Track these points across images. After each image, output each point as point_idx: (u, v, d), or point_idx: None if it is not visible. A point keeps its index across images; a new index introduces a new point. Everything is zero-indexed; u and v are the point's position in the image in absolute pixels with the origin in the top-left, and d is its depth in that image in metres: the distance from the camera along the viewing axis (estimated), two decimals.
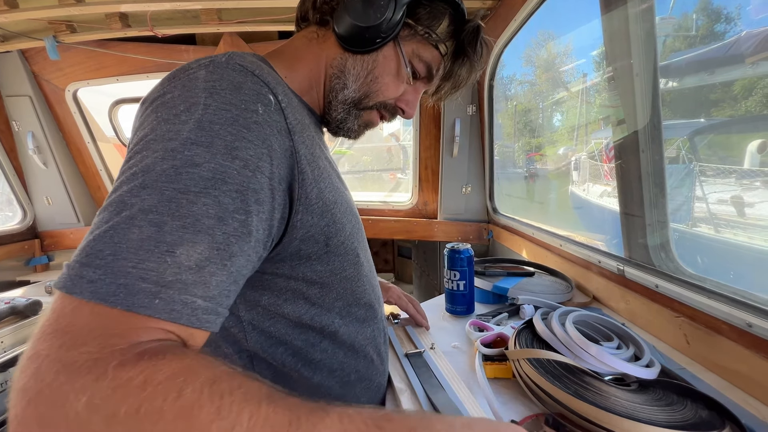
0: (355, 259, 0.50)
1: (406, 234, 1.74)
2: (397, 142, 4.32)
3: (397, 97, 0.53)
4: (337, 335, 0.49)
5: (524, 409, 0.53)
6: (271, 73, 0.42)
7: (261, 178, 0.36)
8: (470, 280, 0.83)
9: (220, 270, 0.32)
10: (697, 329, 0.62)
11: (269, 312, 0.45)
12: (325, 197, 0.44)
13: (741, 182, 2.76)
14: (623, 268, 0.78)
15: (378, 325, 0.56)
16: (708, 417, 0.47)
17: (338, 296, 0.49)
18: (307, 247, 0.43)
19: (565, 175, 4.58)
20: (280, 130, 0.39)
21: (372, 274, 0.56)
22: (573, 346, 0.57)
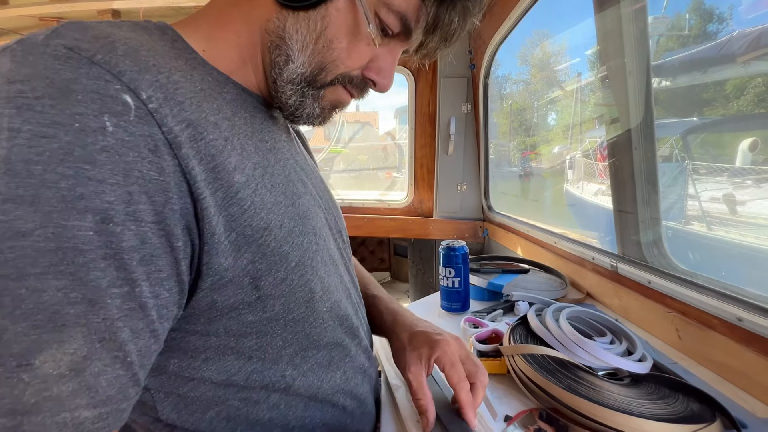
0: (308, 295, 0.37)
1: (402, 232, 1.74)
2: (393, 140, 4.33)
3: (363, 65, 0.39)
4: (291, 388, 0.38)
5: (518, 404, 0.53)
6: (141, 50, 0.29)
7: (139, 228, 0.26)
8: (465, 277, 0.83)
9: (110, 366, 0.25)
10: (689, 324, 0.62)
11: (182, 378, 0.34)
12: (247, 224, 0.32)
13: (733, 180, 2.79)
14: (616, 264, 0.79)
15: (353, 363, 0.44)
16: (699, 410, 0.48)
17: (286, 343, 0.37)
18: (223, 298, 0.32)
19: (560, 173, 4.61)
20: (153, 149, 0.26)
21: (342, 301, 0.43)
22: (567, 342, 0.57)
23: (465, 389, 0.45)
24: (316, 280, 0.38)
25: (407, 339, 0.50)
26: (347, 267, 0.49)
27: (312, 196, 0.43)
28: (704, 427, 0.44)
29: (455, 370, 0.46)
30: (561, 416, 0.49)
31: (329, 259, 0.42)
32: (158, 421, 0.35)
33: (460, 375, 0.46)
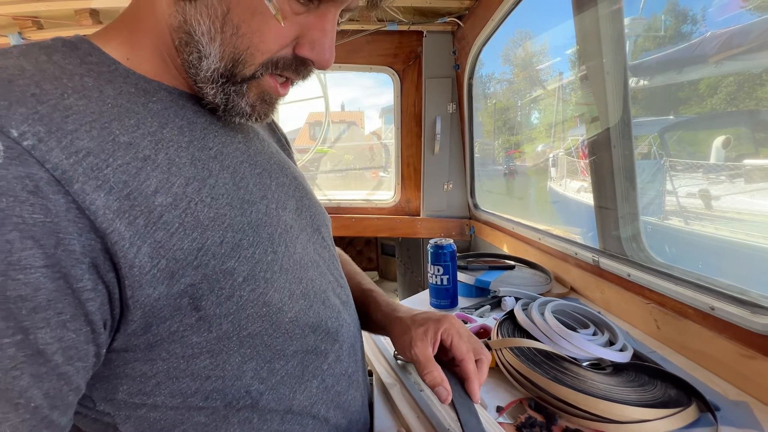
0: (262, 310, 0.34)
1: (390, 231, 1.75)
2: (379, 140, 4.34)
3: (288, 44, 0.34)
4: (260, 404, 0.36)
5: (508, 395, 0.55)
6: (18, 79, 0.26)
7: (26, 276, 0.24)
8: (453, 274, 0.85)
9: (12, 413, 0.24)
10: (666, 314, 0.65)
11: (134, 403, 0.33)
12: (177, 248, 0.30)
13: (708, 176, 2.90)
14: (598, 258, 0.82)
15: (333, 370, 0.41)
16: (676, 395, 0.51)
17: (246, 358, 0.35)
18: (160, 326, 0.30)
19: (544, 171, 4.70)
20: (33, 190, 0.24)
21: (313, 306, 0.40)
22: (552, 334, 0.59)
23: (472, 360, 0.45)
24: (272, 291, 0.35)
25: (410, 320, 0.49)
26: (328, 266, 0.46)
27: (273, 199, 0.39)
28: (681, 410, 0.47)
29: (463, 341, 0.46)
30: (549, 405, 0.51)
31: (295, 265, 0.39)
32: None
33: (468, 347, 0.46)
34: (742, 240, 2.12)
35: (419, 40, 1.54)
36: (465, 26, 1.39)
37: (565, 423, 0.49)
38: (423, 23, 1.45)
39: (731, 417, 0.48)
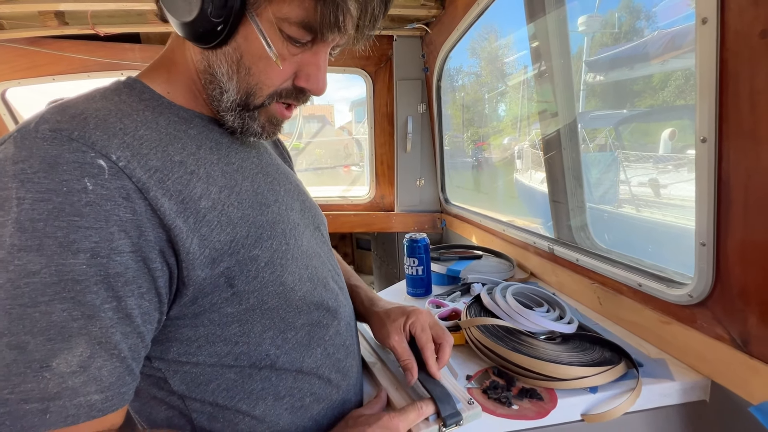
0: (279, 288, 0.44)
1: (366, 227, 1.83)
2: (350, 135, 4.37)
3: (288, 78, 0.42)
4: (277, 365, 0.45)
5: (475, 365, 0.64)
6: (110, 118, 0.36)
7: (121, 258, 0.33)
8: (427, 265, 0.94)
9: (109, 361, 0.33)
10: (607, 292, 0.77)
11: (182, 362, 0.42)
12: (216, 240, 0.39)
13: (657, 166, 3.15)
14: (552, 246, 0.93)
15: (334, 341, 0.50)
16: (610, 356, 0.62)
17: (266, 328, 0.44)
18: (204, 299, 0.40)
19: (510, 163, 4.91)
20: (126, 197, 0.34)
21: (317, 288, 0.49)
22: (512, 313, 0.70)
23: (430, 348, 0.55)
24: (287, 274, 0.44)
25: (385, 315, 0.59)
26: (327, 258, 0.55)
27: (283, 202, 0.48)
28: (612, 367, 0.58)
29: (425, 333, 0.56)
30: (509, 371, 0.61)
31: (302, 255, 0.48)
32: (173, 394, 0.43)
33: (428, 337, 0.55)
34: (684, 224, 2.35)
35: (390, 43, 1.61)
36: (432, 32, 1.47)
37: (521, 384, 0.59)
38: (393, 28, 1.52)
39: (652, 371, 0.60)
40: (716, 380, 0.56)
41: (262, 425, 0.45)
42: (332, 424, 0.50)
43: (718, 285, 0.55)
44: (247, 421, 0.44)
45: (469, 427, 0.53)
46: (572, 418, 0.55)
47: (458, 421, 0.50)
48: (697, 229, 0.55)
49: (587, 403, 0.56)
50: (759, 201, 0.47)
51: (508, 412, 0.54)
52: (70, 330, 0.31)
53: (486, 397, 0.57)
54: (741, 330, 0.52)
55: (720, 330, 0.55)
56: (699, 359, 0.59)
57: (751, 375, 0.51)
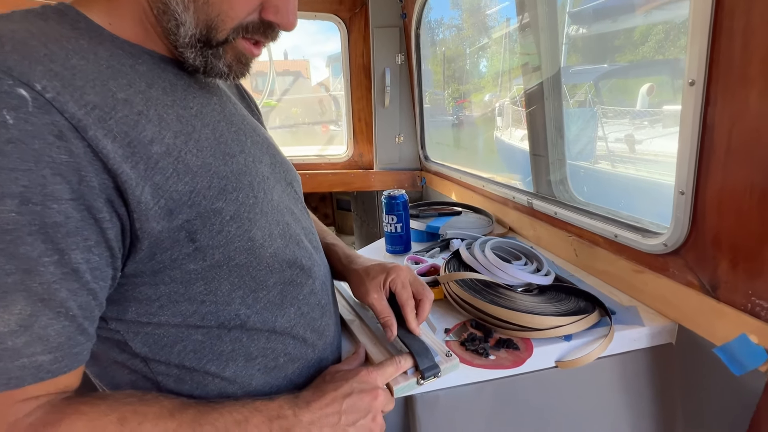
0: (247, 244, 0.40)
1: (344, 186, 1.79)
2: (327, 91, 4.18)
3: (253, 9, 0.38)
4: (248, 325, 0.42)
5: (454, 319, 0.65)
6: (31, 41, 0.30)
7: (59, 206, 0.29)
8: (406, 222, 0.92)
9: (55, 320, 0.30)
10: (583, 244, 0.78)
11: (142, 323, 0.39)
12: (173, 189, 0.35)
13: (633, 122, 3.17)
14: (531, 200, 0.93)
15: (309, 300, 0.48)
16: (584, 306, 0.63)
17: (234, 287, 0.41)
18: (163, 255, 0.36)
19: (491, 121, 4.86)
20: (59, 135, 0.29)
21: (289, 245, 0.46)
22: (490, 267, 0.69)
23: (410, 305, 0.54)
24: (256, 229, 0.41)
25: (364, 272, 0.57)
26: (301, 215, 0.52)
27: (250, 154, 0.44)
28: (585, 316, 0.59)
29: (405, 290, 0.54)
30: (487, 323, 0.61)
31: (273, 210, 0.45)
32: (135, 357, 0.40)
33: (409, 294, 0.54)
34: (656, 179, 2.41)
35: None
36: None
37: (498, 335, 0.59)
38: None
39: (623, 318, 0.61)
40: (683, 324, 0.58)
41: (233, 386, 0.43)
42: (308, 383, 0.49)
43: (692, 233, 0.55)
44: (216, 382, 0.43)
45: (447, 378, 0.53)
46: (547, 365, 0.57)
47: (436, 373, 0.50)
48: (677, 178, 0.54)
49: (562, 350, 0.57)
50: (741, 147, 0.46)
51: (485, 363, 0.54)
52: (3, 286, 0.28)
53: (464, 349, 0.57)
54: (711, 276, 0.54)
55: (690, 277, 0.57)
56: (668, 305, 0.60)
57: (717, 318, 0.52)
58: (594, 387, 0.60)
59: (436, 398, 0.55)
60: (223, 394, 0.43)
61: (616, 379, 0.61)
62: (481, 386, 0.56)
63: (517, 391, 0.58)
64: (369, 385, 0.46)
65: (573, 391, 0.60)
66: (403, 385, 0.49)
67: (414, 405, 0.55)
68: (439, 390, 0.55)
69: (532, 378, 0.57)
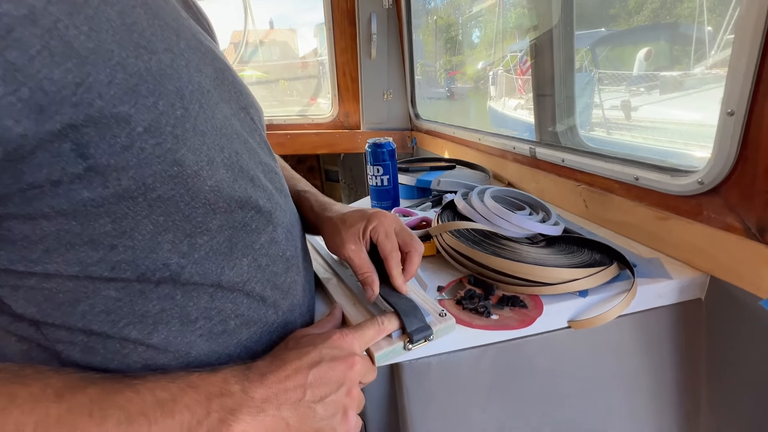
0: (172, 170, 0.29)
1: (330, 148, 1.66)
2: (315, 56, 3.96)
3: None
4: (182, 278, 0.33)
5: (449, 276, 0.55)
6: None
7: None
8: (394, 174, 0.81)
9: None
10: (594, 192, 0.68)
11: (20, 273, 0.29)
12: (44, 76, 0.24)
13: (629, 89, 3.07)
14: (535, 149, 0.82)
15: (269, 251, 0.39)
16: (600, 258, 0.54)
17: (160, 228, 0.31)
18: (37, 174, 0.26)
19: (484, 92, 4.70)
20: None
21: (239, 181, 0.35)
22: (491, 216, 0.59)
23: (395, 258, 0.44)
24: (185, 150, 0.30)
25: (339, 220, 0.47)
26: (260, 149, 0.42)
27: (182, 57, 0.34)
28: (604, 269, 0.50)
29: (389, 240, 0.45)
30: (487, 278, 0.52)
31: (214, 131, 0.34)
32: (20, 320, 0.30)
33: (393, 245, 0.45)
34: (650, 145, 2.33)
35: None
36: None
37: (501, 292, 0.50)
38: None
39: (645, 271, 0.53)
40: (717, 275, 0.49)
41: (165, 356, 0.33)
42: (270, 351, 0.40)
43: (739, 165, 0.45)
44: (141, 351, 0.32)
45: (442, 342, 0.44)
46: (559, 325, 0.48)
47: (427, 336, 0.41)
48: (726, 94, 0.44)
49: (576, 308, 0.48)
50: None
51: (487, 323, 0.45)
52: None
53: (461, 308, 0.48)
54: (760, 217, 0.44)
55: (731, 219, 0.47)
56: (699, 255, 0.51)
57: (764, 266, 0.44)
58: (610, 350, 0.52)
59: (427, 366, 0.46)
60: (151, 366, 0.33)
61: (636, 340, 0.52)
62: (480, 351, 0.47)
63: (522, 357, 0.49)
64: (343, 351, 0.36)
65: (586, 356, 0.51)
66: (386, 351, 0.40)
67: (401, 374, 0.46)
68: (431, 356, 0.46)
69: (541, 341, 0.48)
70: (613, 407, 0.54)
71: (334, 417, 0.34)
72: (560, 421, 0.53)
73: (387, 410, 0.51)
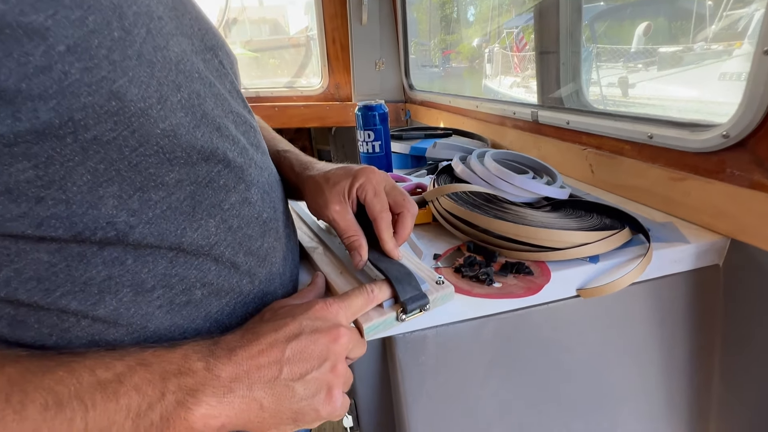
0: (109, 104, 0.24)
1: (320, 121, 1.59)
2: (307, 32, 3.82)
3: None
4: (131, 238, 0.27)
5: (446, 244, 0.50)
6: None
7: None
8: (386, 140, 0.75)
9: None
10: (601, 156, 0.63)
11: None
12: None
13: (627, 65, 2.99)
14: (537, 112, 0.77)
15: (241, 211, 0.34)
16: (611, 222, 0.49)
17: (101, 177, 0.25)
18: None
19: (479, 69, 4.59)
20: None
21: (201, 126, 0.30)
22: (492, 179, 0.54)
23: (386, 219, 0.39)
24: (125, 81, 0.25)
25: (323, 178, 0.41)
26: (230, 97, 0.36)
27: None
28: (616, 233, 0.45)
29: (378, 199, 0.39)
30: (489, 244, 0.47)
31: (166, 63, 0.28)
32: None
33: (383, 205, 0.40)
34: None
35: None
36: None
37: (504, 259, 0.46)
38: None
39: (659, 235, 0.48)
40: (740, 239, 0.45)
41: (117, 330, 0.28)
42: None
43: None
44: (84, 325, 0.27)
45: (439, 314, 0.40)
46: (568, 293, 0.44)
47: (423, 306, 0.36)
48: (763, 33, 0.38)
49: (586, 275, 0.44)
50: None
51: (490, 291, 0.41)
52: None
53: (459, 276, 0.43)
54: None
55: (759, 176, 0.43)
56: (719, 216, 0.47)
57: None
58: (619, 319, 0.48)
59: (422, 339, 0.42)
60: (99, 342, 0.28)
61: (648, 309, 0.48)
62: (481, 323, 0.43)
63: (526, 328, 0.45)
64: (326, 322, 0.31)
65: (593, 326, 0.47)
66: (377, 323, 0.35)
67: (393, 348, 0.42)
68: (427, 329, 0.42)
69: (546, 311, 0.44)
70: (622, 380, 0.51)
71: (316, 396, 0.29)
72: (564, 395, 0.49)
73: (379, 388, 0.47)
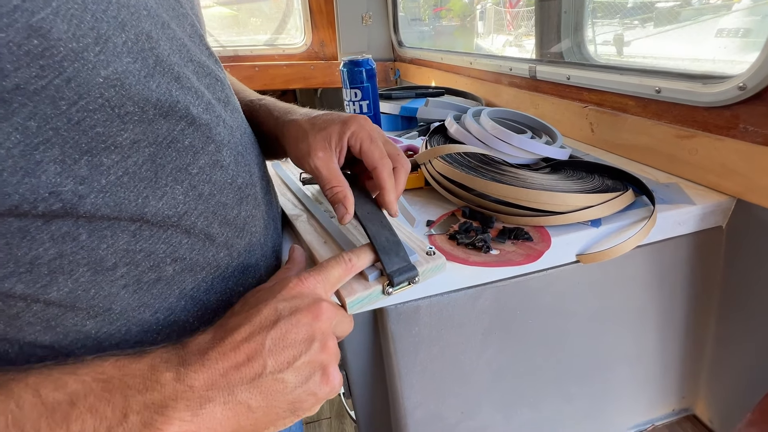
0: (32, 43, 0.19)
1: (304, 82, 1.50)
2: None
3: None
4: (80, 209, 0.23)
5: (439, 210, 0.47)
6: None
7: None
8: (374, 98, 0.70)
9: None
10: (603, 114, 0.60)
11: None
12: None
13: (623, 22, 2.89)
14: (535, 67, 0.72)
15: (210, 176, 0.29)
16: (613, 184, 0.47)
17: (36, 140, 0.21)
18: None
19: (471, 28, 4.39)
20: None
21: (157, 78, 0.25)
22: (489, 139, 0.51)
23: (387, 167, 0.35)
24: (49, 13, 0.20)
25: (308, 124, 0.37)
26: (191, 43, 0.31)
27: None
28: (620, 194, 0.43)
29: (375, 145, 0.35)
30: (486, 209, 0.44)
31: None
32: None
33: (382, 152, 0.36)
34: None
35: None
36: None
37: (502, 224, 0.43)
38: None
39: (663, 197, 0.46)
40: (749, 199, 0.43)
41: (75, 314, 0.25)
42: (229, 301, 0.32)
43: None
44: (37, 310, 0.24)
45: (433, 283, 0.37)
46: (570, 259, 0.42)
47: (412, 278, 0.33)
48: None
49: (587, 240, 0.41)
50: None
51: (487, 259, 0.38)
52: None
53: (454, 243, 0.40)
54: None
55: None
56: (728, 176, 0.44)
57: None
58: (619, 284, 0.46)
59: (415, 310, 0.40)
60: (57, 329, 0.25)
61: (648, 272, 0.47)
62: (477, 291, 0.41)
63: (523, 296, 0.43)
64: (304, 298, 0.28)
65: (592, 291, 0.46)
66: (361, 296, 0.32)
67: (385, 320, 0.40)
68: (420, 299, 0.40)
69: (544, 278, 0.42)
70: (617, 344, 0.50)
71: (311, 379, 0.26)
72: (559, 360, 0.49)
73: (371, 358, 0.45)
